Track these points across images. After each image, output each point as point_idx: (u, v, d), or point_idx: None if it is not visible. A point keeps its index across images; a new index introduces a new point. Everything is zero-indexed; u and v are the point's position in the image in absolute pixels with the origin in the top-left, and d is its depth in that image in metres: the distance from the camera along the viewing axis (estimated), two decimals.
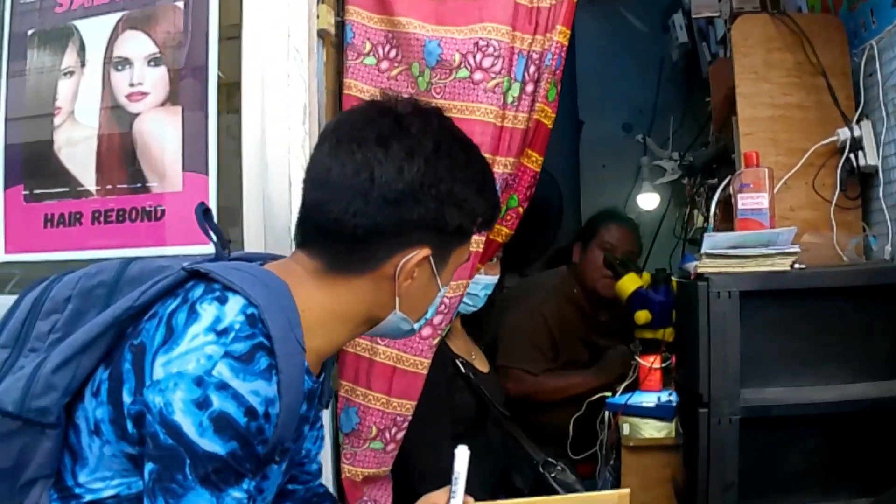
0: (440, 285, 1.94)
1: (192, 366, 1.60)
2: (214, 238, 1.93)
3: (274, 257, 2.00)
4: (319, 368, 1.97)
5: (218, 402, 1.58)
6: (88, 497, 1.74)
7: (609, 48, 6.56)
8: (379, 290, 1.87)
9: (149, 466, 1.61)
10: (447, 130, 1.91)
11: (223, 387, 1.59)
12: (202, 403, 1.57)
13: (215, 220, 1.97)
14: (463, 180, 1.85)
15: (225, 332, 1.64)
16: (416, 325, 1.98)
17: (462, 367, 3.23)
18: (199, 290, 1.74)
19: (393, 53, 2.90)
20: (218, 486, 1.60)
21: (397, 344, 2.81)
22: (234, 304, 1.69)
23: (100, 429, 1.71)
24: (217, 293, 1.71)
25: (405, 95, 1.99)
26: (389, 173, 1.78)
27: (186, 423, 1.57)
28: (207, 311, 1.68)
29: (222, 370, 1.60)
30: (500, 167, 2.80)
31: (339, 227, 1.80)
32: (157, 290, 1.77)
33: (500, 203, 2.07)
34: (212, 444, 1.58)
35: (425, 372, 2.83)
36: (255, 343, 1.65)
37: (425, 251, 1.84)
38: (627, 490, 2.07)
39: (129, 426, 1.65)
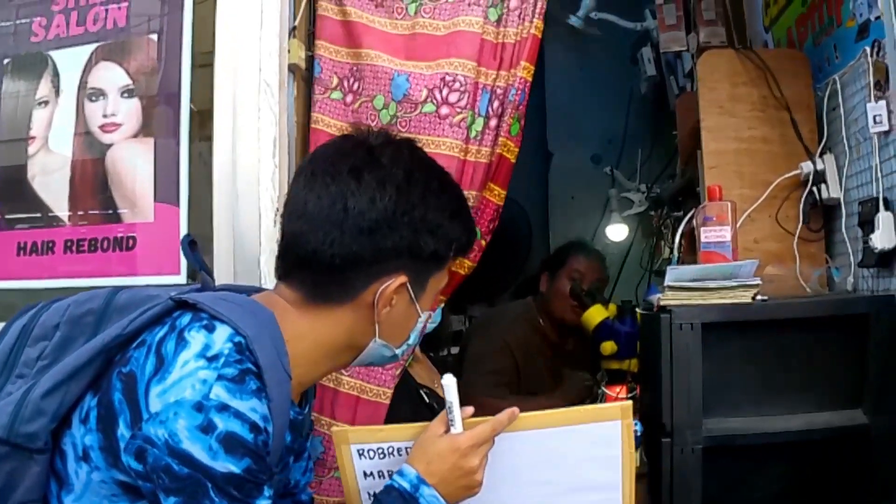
0: (420, 311, 1.97)
1: (189, 392, 1.62)
2: (198, 268, 1.98)
3: (258, 290, 2.03)
4: (300, 399, 2.00)
5: (222, 423, 1.61)
6: None
7: (578, 80, 6.60)
8: (359, 319, 1.90)
9: (171, 501, 1.62)
10: (419, 160, 1.95)
11: (224, 408, 1.61)
12: (207, 428, 1.60)
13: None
14: (436, 207, 1.88)
15: (215, 357, 1.66)
16: (398, 351, 2.01)
17: (426, 397, 3.23)
18: (186, 319, 1.75)
19: (356, 86, 2.91)
20: (245, 501, 1.63)
21: (360, 374, 2.81)
22: (222, 332, 1.71)
23: (88, 455, 1.72)
24: (205, 322, 1.73)
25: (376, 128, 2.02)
26: (362, 203, 1.82)
27: (196, 450, 1.59)
28: (196, 339, 1.70)
29: (219, 392, 1.62)
30: None
31: (318, 257, 1.84)
32: (145, 319, 1.78)
33: (475, 229, 2.07)
34: (226, 465, 1.60)
35: (388, 402, 2.83)
36: (244, 368, 1.67)
37: (402, 278, 1.87)
38: (630, 402, 2.07)
39: (129, 460, 1.65)
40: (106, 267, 2.91)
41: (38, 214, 2.97)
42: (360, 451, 2.07)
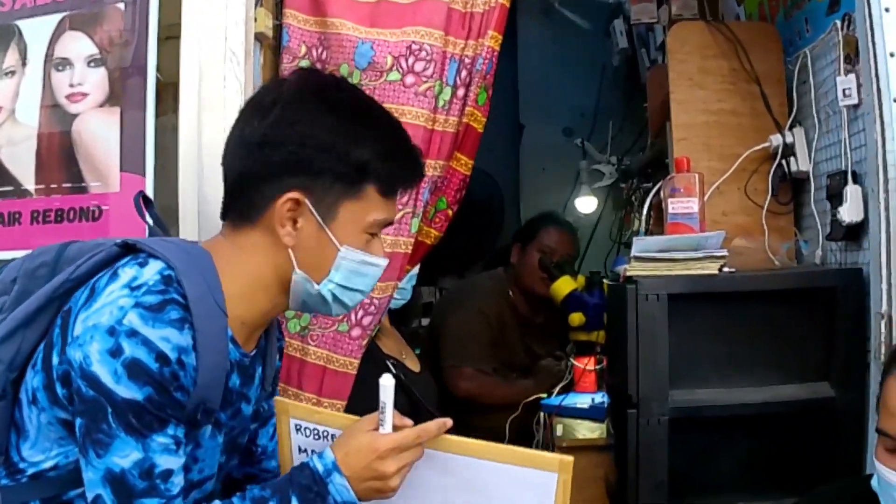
0: (337, 242, 1.92)
1: (106, 317, 1.65)
2: (150, 222, 2.03)
3: None
4: (253, 344, 2.00)
5: (129, 349, 1.63)
6: (31, 470, 1.77)
7: (550, 53, 6.61)
8: (275, 243, 1.90)
9: (78, 422, 1.67)
10: (322, 84, 1.96)
11: (133, 334, 1.63)
12: (115, 352, 1.63)
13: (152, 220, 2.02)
14: (325, 125, 1.87)
15: (138, 287, 1.70)
16: (319, 287, 1.95)
17: (393, 368, 3.22)
18: (125, 260, 1.80)
19: (325, 55, 2.89)
20: (141, 433, 1.65)
21: (327, 344, 2.80)
22: (153, 266, 1.75)
23: (36, 397, 1.75)
24: (140, 259, 1.78)
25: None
26: (255, 121, 1.88)
27: (103, 373, 1.63)
28: (127, 273, 1.74)
29: (132, 318, 1.64)
30: (430, 170, 2.79)
31: (225, 180, 1.93)
32: (92, 263, 1.82)
33: (409, 159, 2.02)
34: (128, 391, 1.63)
35: (355, 372, 2.82)
36: (167, 298, 1.70)
37: (294, 194, 1.85)
38: (571, 458, 2.05)
39: (59, 388, 1.70)
40: (73, 238, 2.88)
41: (10, 188, 2.94)
42: (298, 427, 2.06)
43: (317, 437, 2.04)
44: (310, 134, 1.85)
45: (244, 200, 1.90)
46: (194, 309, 1.71)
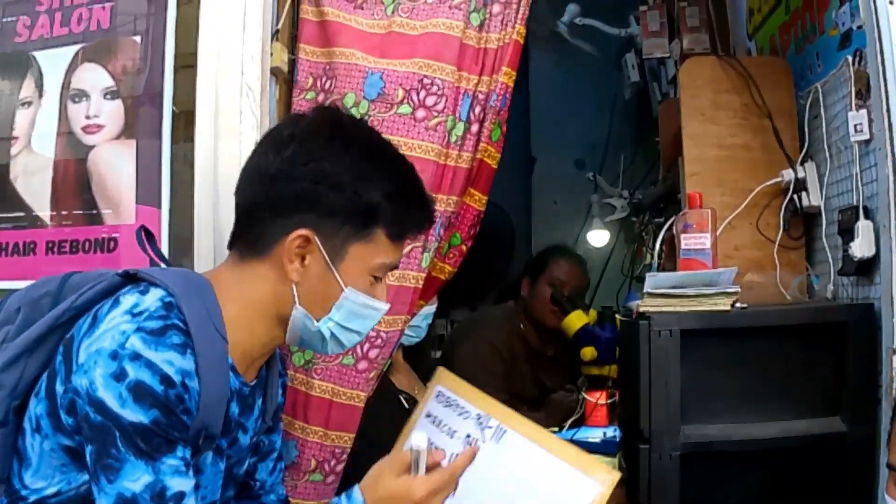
0: (342, 283, 1.93)
1: (108, 342, 1.67)
2: (152, 254, 2.07)
3: None
4: (253, 374, 2.02)
5: (133, 372, 1.64)
6: (33, 497, 1.78)
7: (563, 85, 6.61)
8: (280, 278, 1.92)
9: (88, 449, 1.68)
10: (339, 123, 1.98)
11: (136, 357, 1.65)
12: (119, 375, 1.64)
13: (163, 247, 2.05)
14: (340, 164, 1.89)
15: (140, 313, 1.72)
16: (319, 325, 1.96)
17: (406, 403, 3.22)
18: (126, 288, 1.84)
19: (328, 84, 2.88)
20: (151, 455, 1.66)
21: (332, 377, 2.77)
22: (154, 294, 1.78)
23: (40, 425, 1.77)
24: (141, 287, 1.82)
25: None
26: (270, 154, 1.91)
27: (108, 397, 1.63)
28: (128, 299, 1.77)
29: (135, 342, 1.66)
30: (443, 205, 2.79)
31: (235, 209, 1.95)
32: (93, 293, 1.85)
33: (421, 201, 2.05)
34: (134, 414, 1.63)
35: (362, 405, 2.79)
36: (169, 323, 1.72)
37: (305, 231, 1.87)
38: (618, 475, 2.07)
39: (64, 416, 1.71)
40: (87, 268, 2.89)
41: (21, 214, 2.95)
42: (439, 394, 2.08)
43: (455, 409, 2.07)
44: (324, 172, 1.86)
45: (254, 232, 1.92)
46: (195, 334, 1.73)
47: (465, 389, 2.27)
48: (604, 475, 2.06)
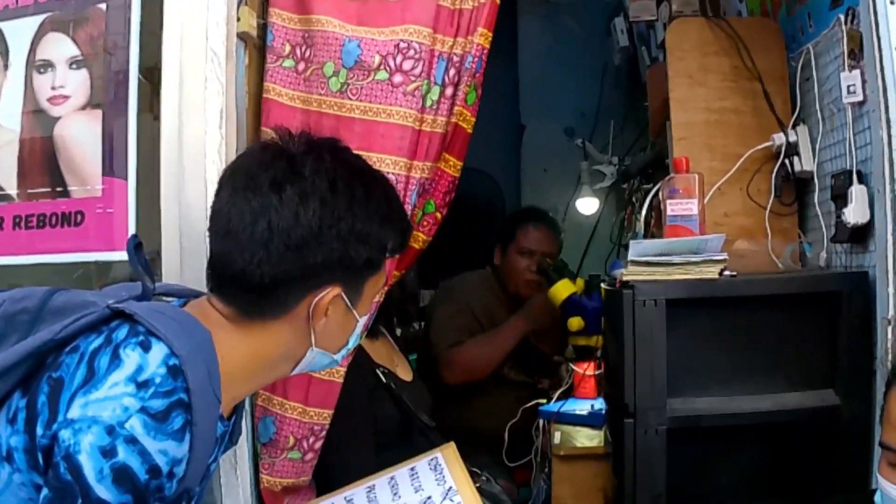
0: (357, 316, 1.95)
1: (108, 414, 1.60)
2: (141, 270, 1.94)
3: (196, 294, 2.00)
4: (231, 410, 1.98)
5: (123, 455, 1.58)
6: None
7: (552, 52, 6.57)
8: (295, 332, 1.89)
9: (44, 493, 1.61)
10: (342, 165, 1.90)
11: (132, 441, 1.59)
12: (108, 452, 1.57)
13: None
14: (364, 216, 1.85)
15: (145, 384, 1.64)
16: (337, 357, 1.99)
17: (383, 377, 3.18)
18: (123, 332, 1.74)
19: (308, 53, 2.84)
20: None
21: None
22: (157, 352, 1.69)
23: (12, 456, 1.71)
24: (141, 338, 1.71)
25: (299, 131, 1.95)
26: (287, 220, 1.79)
27: (87, 467, 1.57)
28: (131, 358, 1.68)
29: (135, 424, 1.60)
30: (418, 171, 2.76)
31: (247, 276, 1.81)
32: (79, 326, 1.76)
33: (410, 226, 2.12)
34: (106, 493, 1.57)
35: (341, 380, 2.79)
36: (174, 400, 1.65)
37: (336, 290, 1.86)
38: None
39: (40, 456, 1.66)
40: (54, 243, 2.86)
41: None
42: (433, 459, 2.16)
43: (435, 474, 2.13)
44: (349, 229, 1.83)
45: (272, 300, 1.85)
46: (195, 405, 1.67)
47: (459, 472, 2.28)
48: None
